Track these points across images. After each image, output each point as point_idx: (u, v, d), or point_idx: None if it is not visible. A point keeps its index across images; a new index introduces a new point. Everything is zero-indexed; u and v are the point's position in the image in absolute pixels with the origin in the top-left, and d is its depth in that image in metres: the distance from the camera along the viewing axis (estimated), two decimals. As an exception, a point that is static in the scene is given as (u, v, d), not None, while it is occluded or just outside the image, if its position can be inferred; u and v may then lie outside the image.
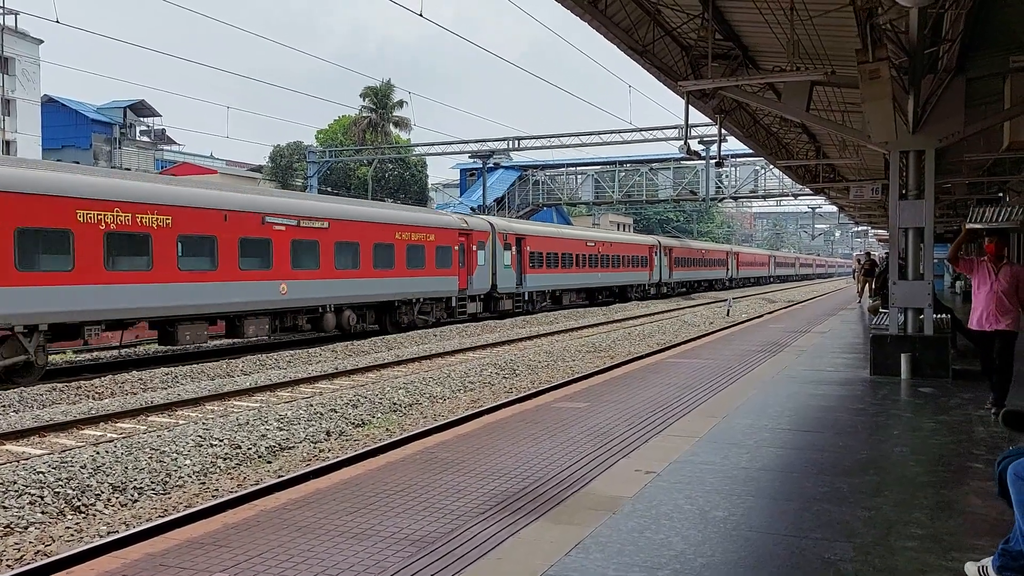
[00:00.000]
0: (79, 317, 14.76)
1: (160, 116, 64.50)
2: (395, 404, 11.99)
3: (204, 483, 8.18)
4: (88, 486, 7.61)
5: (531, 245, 32.49)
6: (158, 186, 16.98)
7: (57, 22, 23.23)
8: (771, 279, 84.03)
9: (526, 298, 32.21)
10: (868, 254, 34.85)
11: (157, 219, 16.07)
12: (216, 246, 17.39)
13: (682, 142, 15.34)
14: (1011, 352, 8.30)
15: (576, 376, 14.26)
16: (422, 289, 24.69)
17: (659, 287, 47.89)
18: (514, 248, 30.97)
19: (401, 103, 62.78)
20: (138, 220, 15.71)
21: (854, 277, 50.05)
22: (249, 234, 18.27)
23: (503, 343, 20.74)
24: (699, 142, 38.07)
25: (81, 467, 8.03)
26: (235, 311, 18.06)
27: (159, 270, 16.07)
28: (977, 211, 6.98)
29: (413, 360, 17.17)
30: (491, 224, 29.85)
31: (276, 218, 19.06)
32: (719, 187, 48.15)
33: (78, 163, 37.42)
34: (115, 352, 19.29)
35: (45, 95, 54.73)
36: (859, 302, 30.14)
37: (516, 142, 46.59)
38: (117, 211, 15.30)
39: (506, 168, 52.90)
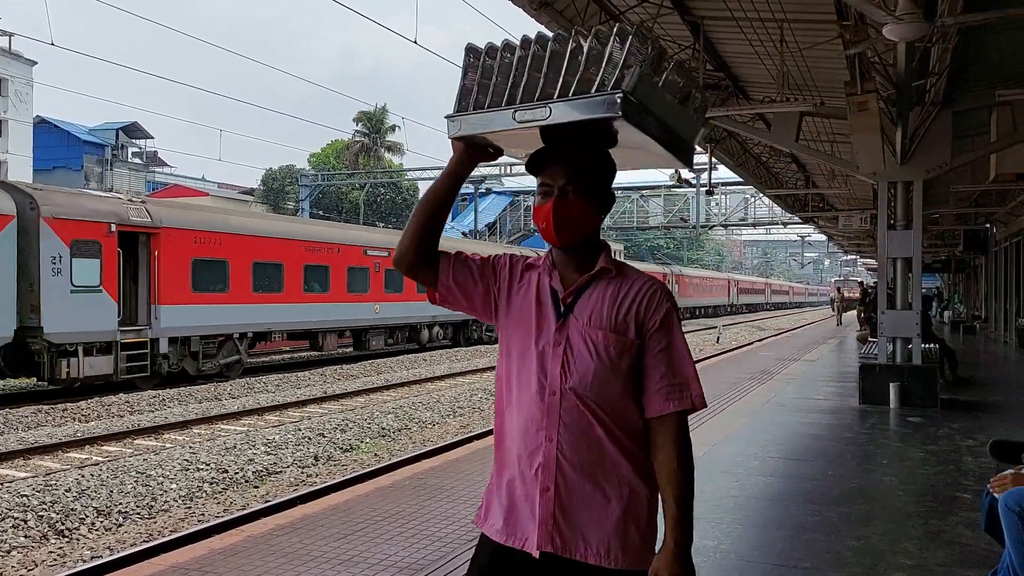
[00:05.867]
0: None
1: (152, 138, 64.63)
2: (384, 429, 11.93)
3: (190, 507, 8.10)
4: (72, 510, 7.53)
5: (177, 246, 16.61)
6: None
7: (52, 44, 23.19)
8: (733, 308, 68.84)
9: (161, 351, 16.25)
10: (861, 283, 34.98)
11: None
12: None
13: (673, 170, 15.45)
14: None
15: (566, 402, 14.19)
16: None
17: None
18: (142, 252, 16.11)
19: (394, 128, 63.16)
20: None
21: (832, 307, 49.86)
22: None
23: (493, 368, 20.65)
24: (690, 170, 38.33)
25: (66, 490, 7.95)
26: None
27: None
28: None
29: (402, 384, 17.11)
30: (29, 198, 14.34)
31: None
32: (709, 215, 48.43)
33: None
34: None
35: (37, 116, 54.72)
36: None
37: (508, 168, 46.79)
38: None
39: (497, 193, 53.09)
